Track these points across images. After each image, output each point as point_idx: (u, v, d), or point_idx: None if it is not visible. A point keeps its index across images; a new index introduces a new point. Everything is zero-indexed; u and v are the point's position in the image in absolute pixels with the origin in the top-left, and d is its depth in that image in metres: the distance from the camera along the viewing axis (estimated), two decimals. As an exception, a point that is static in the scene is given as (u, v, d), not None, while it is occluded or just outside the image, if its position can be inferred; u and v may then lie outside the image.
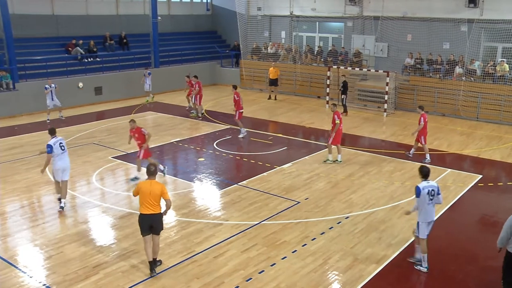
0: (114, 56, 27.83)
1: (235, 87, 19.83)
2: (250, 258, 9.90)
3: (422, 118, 16.29)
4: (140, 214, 9.20)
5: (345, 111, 23.42)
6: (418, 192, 9.27)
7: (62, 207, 12.25)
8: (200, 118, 22.39)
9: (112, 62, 27.36)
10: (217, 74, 32.47)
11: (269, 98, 27.50)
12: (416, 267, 9.63)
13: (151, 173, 9.19)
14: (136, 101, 26.21)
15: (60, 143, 12.29)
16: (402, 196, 13.29)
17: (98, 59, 27.00)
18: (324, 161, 16.10)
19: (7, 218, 11.87)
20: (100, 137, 19.09)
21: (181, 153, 17.58)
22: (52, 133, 12.43)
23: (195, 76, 23.10)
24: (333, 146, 16.01)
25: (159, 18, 29.00)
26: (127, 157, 16.57)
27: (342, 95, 23.63)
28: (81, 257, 9.97)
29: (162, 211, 9.24)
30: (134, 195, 9.38)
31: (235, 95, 19.25)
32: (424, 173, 9.39)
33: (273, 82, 27.42)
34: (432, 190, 9.31)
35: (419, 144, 16.51)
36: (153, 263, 9.39)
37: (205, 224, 11.53)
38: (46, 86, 21.66)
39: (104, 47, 28.23)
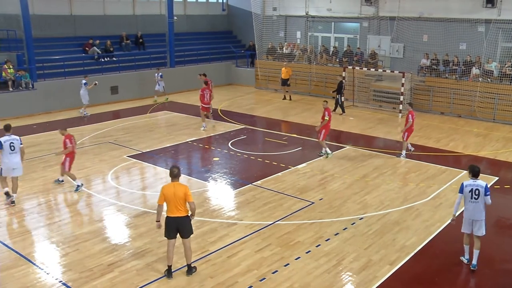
0: (130, 55, 28.02)
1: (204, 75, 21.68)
2: (263, 258, 9.90)
3: (410, 115, 16.34)
4: (167, 216, 9.08)
5: (343, 111, 23.58)
6: (461, 188, 9.48)
7: (13, 202, 12.49)
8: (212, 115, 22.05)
9: (128, 62, 27.55)
10: (233, 74, 32.52)
11: (284, 98, 27.46)
12: (460, 257, 9.88)
13: (174, 175, 9.05)
14: (151, 100, 26.34)
15: (11, 142, 12.39)
16: (417, 197, 13.19)
17: (114, 58, 27.23)
18: (326, 157, 16.50)
19: (25, 216, 12.02)
20: (116, 136, 19.23)
21: (195, 152, 17.63)
22: (7, 129, 12.60)
23: (204, 74, 22.38)
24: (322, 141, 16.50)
25: (175, 18, 29.18)
26: (142, 156, 16.68)
27: (337, 95, 23.69)
28: (97, 255, 10.06)
29: (189, 214, 9.10)
30: (159, 203, 9.05)
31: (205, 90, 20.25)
32: (474, 172, 9.47)
33: (285, 82, 27.37)
34: (477, 189, 9.36)
35: (403, 140, 16.69)
36: (188, 270, 9.29)
37: (219, 223, 11.55)
38: (84, 81, 22.55)
39: (121, 47, 28.46)
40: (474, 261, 9.53)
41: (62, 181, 14.17)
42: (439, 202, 12.87)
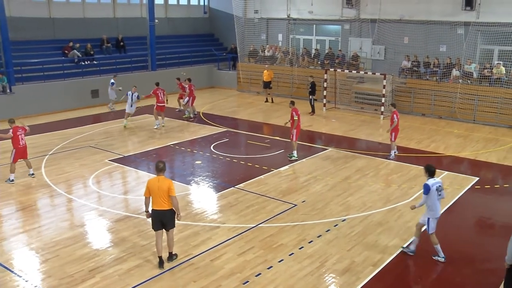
0: (111, 59, 27.82)
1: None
2: (247, 261, 9.89)
3: (394, 115, 16.56)
4: (152, 209, 9.49)
5: (313, 111, 23.88)
6: (427, 189, 9.61)
7: None
8: (192, 119, 22.47)
9: (109, 65, 27.34)
10: (214, 77, 32.48)
11: (266, 101, 27.50)
12: (434, 257, 9.95)
13: (160, 169, 9.43)
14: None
15: None
16: (399, 198, 13.30)
17: (95, 62, 26.98)
18: (289, 157, 16.65)
19: (3, 222, 11.83)
20: (97, 140, 19.06)
21: (178, 156, 17.55)
22: None
23: (189, 79, 23.31)
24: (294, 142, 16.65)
25: (156, 21, 29.04)
26: (124, 160, 16.55)
27: (310, 96, 23.94)
28: (78, 260, 9.94)
29: (172, 207, 9.47)
30: (145, 195, 9.52)
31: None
32: (431, 172, 9.76)
33: (267, 85, 27.46)
34: (439, 185, 9.78)
35: (391, 141, 16.86)
36: (169, 257, 9.80)
37: (202, 227, 11.51)
38: (112, 81, 23.65)
39: (101, 50, 28.23)
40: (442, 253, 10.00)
41: (33, 174, 14.72)
42: (421, 203, 12.98)
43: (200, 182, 14.65)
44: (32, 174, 14.79)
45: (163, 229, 9.58)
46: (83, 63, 26.50)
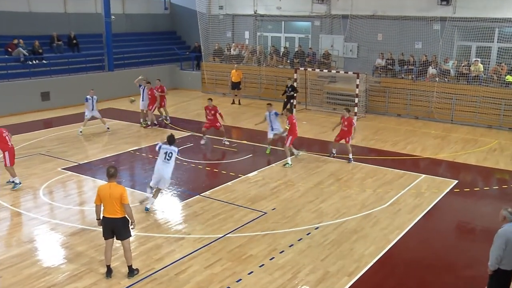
0: (63, 58, 27.35)
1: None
2: (214, 274, 9.83)
3: (353, 120, 17.35)
4: (103, 216, 9.50)
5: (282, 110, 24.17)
6: (159, 147, 12.99)
7: None
8: (153, 126, 22.04)
9: (61, 65, 26.87)
10: (177, 78, 32.33)
11: (233, 102, 27.52)
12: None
13: (111, 175, 9.46)
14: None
15: None
16: (375, 204, 13.45)
17: (44, 61, 26.43)
18: (284, 166, 16.65)
19: None
20: (49, 147, 18.69)
21: (138, 162, 17.37)
22: None
23: (149, 82, 22.42)
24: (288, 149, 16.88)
25: (113, 17, 28.68)
26: (79, 168, 16.27)
27: (292, 100, 24.38)
28: (25, 281, 9.61)
29: (125, 215, 9.47)
30: (95, 203, 9.56)
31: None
32: (170, 140, 12.99)
33: (236, 86, 27.48)
34: (171, 152, 12.85)
35: (347, 144, 17.27)
36: (129, 272, 9.70)
37: (165, 238, 11.39)
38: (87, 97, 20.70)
39: (51, 48, 27.65)
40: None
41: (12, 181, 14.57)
42: (398, 208, 13.17)
43: (163, 190, 14.51)
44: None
45: (114, 238, 9.61)
46: (30, 63, 25.87)
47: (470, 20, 23.22)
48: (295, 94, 24.40)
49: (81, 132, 20.56)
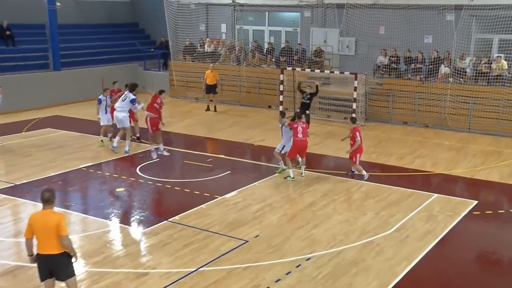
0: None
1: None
2: (184, 317, 9.78)
3: (357, 133, 17.03)
4: (37, 254, 8.96)
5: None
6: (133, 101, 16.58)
7: None
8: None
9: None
10: (140, 79, 31.99)
11: (208, 109, 27.55)
12: None
13: (45, 200, 8.93)
14: (30, 114, 25.60)
15: None
16: (377, 230, 13.46)
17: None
18: (285, 177, 16.92)
19: None
20: (-19, 164, 18.54)
21: (92, 182, 17.25)
22: None
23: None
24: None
25: (58, 4, 28.48)
26: (16, 190, 16.06)
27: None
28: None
29: (65, 251, 8.93)
30: (26, 236, 9.03)
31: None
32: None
33: (211, 89, 27.51)
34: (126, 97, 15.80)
35: (354, 163, 17.28)
36: None
37: (124, 274, 11.30)
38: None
39: (-24, 41, 27.48)
40: None
41: None
42: (405, 234, 13.20)
43: (123, 215, 14.46)
44: None
45: (54, 279, 9.10)
46: None
47: (492, 8, 23.11)
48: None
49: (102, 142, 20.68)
